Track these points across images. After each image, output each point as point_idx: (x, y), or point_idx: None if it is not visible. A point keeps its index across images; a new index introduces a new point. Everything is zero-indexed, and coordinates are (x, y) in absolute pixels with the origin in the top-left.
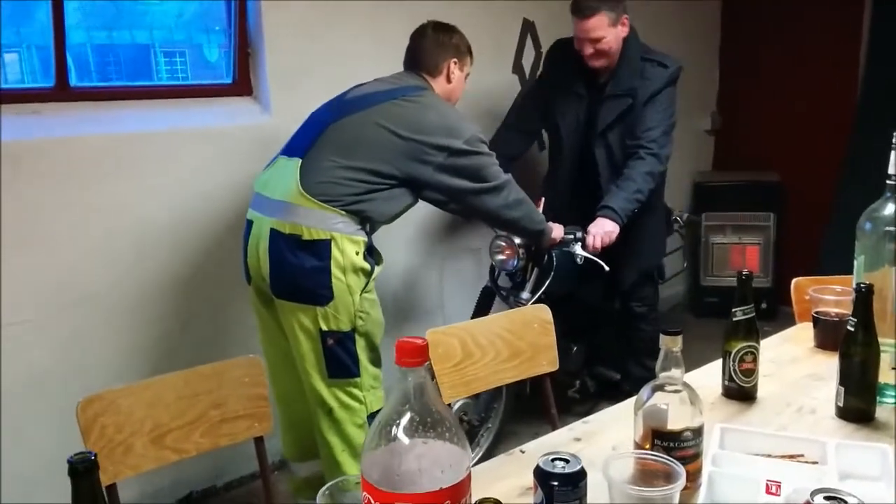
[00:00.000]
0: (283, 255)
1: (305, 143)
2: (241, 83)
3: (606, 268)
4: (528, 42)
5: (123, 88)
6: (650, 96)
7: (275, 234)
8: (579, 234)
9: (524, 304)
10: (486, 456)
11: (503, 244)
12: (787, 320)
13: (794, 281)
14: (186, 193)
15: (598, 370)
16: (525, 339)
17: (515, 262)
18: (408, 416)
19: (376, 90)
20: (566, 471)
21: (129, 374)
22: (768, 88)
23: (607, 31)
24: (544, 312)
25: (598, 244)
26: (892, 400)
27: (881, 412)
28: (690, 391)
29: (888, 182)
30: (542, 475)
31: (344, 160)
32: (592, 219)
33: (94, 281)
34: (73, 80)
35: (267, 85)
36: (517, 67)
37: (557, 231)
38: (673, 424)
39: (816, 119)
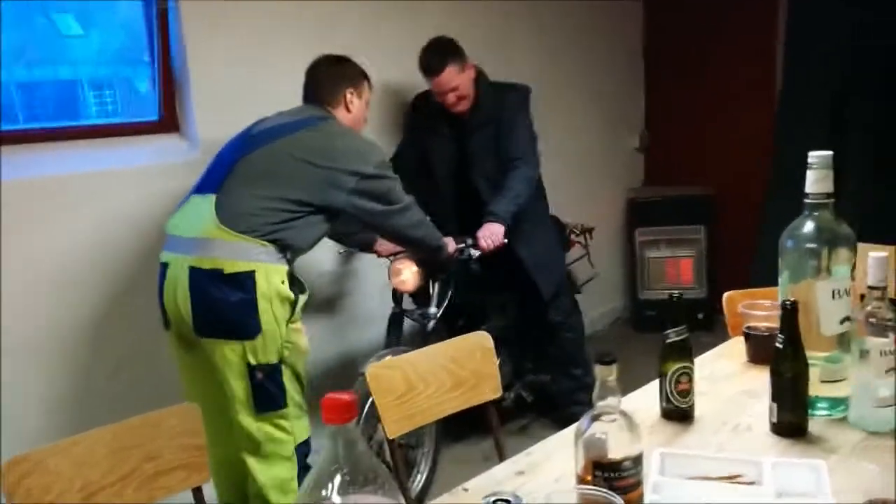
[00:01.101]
0: (205, 292)
1: (217, 179)
2: (168, 120)
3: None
4: None
5: (49, 130)
6: (510, 116)
7: (195, 272)
8: (469, 241)
9: (434, 318)
10: (429, 479)
11: (401, 267)
12: (724, 330)
13: (725, 295)
14: (111, 237)
15: (528, 379)
16: (467, 367)
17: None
18: (338, 476)
19: (281, 123)
20: None
21: (55, 427)
22: (693, 105)
23: (459, 79)
24: (486, 340)
25: (490, 244)
26: (824, 413)
27: (814, 425)
28: (628, 419)
29: (806, 201)
30: None
31: (259, 191)
32: (479, 227)
33: (17, 331)
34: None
35: (194, 120)
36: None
37: (451, 245)
38: (613, 453)
39: (741, 132)
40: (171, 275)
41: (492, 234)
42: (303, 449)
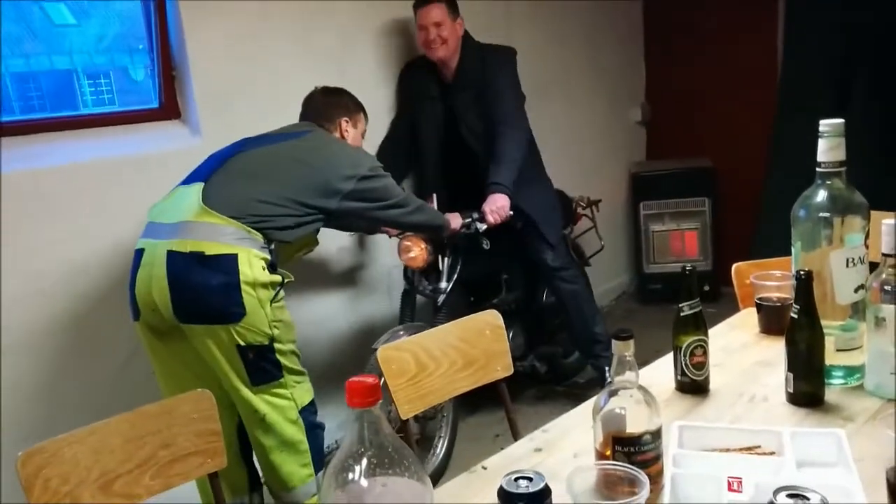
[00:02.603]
0: (185, 276)
1: (206, 171)
2: (168, 107)
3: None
4: None
5: (49, 120)
6: (494, 78)
7: (173, 256)
8: (475, 216)
9: (444, 293)
10: (444, 461)
11: (409, 244)
12: (730, 301)
13: (734, 266)
14: (118, 225)
15: (542, 350)
16: (478, 346)
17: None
18: (364, 458)
19: (277, 133)
20: (530, 490)
21: (66, 421)
22: (695, 78)
23: (446, 20)
24: (495, 318)
25: (497, 218)
26: (840, 381)
27: (830, 394)
28: (646, 393)
29: (818, 169)
30: (506, 496)
31: (249, 185)
32: (483, 198)
33: (25, 324)
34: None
35: (195, 107)
36: None
37: (456, 221)
38: (631, 428)
39: (743, 105)
40: (145, 261)
41: (498, 208)
42: (309, 410)
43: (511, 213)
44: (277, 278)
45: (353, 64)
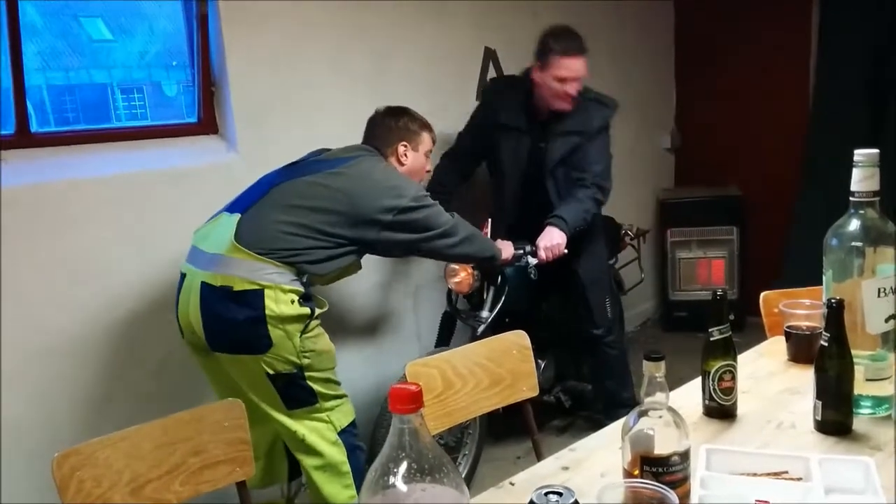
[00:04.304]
0: (214, 309)
1: (248, 201)
2: (206, 121)
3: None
4: (491, 69)
5: (87, 132)
6: (594, 133)
7: (206, 288)
8: (529, 248)
9: (484, 323)
10: (466, 482)
11: (457, 267)
12: (755, 330)
13: (762, 295)
14: (155, 236)
15: (569, 384)
16: (504, 366)
17: (471, 284)
18: (404, 463)
19: (327, 158)
20: None
21: (99, 424)
22: (724, 105)
23: (586, 73)
24: (523, 339)
25: (550, 256)
26: (868, 411)
27: (858, 424)
28: (676, 415)
29: (851, 199)
30: None
31: (286, 216)
32: (541, 229)
33: (62, 330)
34: (34, 126)
35: (233, 122)
36: (480, 95)
37: (508, 250)
38: (660, 449)
39: (772, 133)
40: (186, 286)
41: (554, 245)
42: (349, 432)
43: (566, 251)
44: (307, 311)
45: (388, 83)
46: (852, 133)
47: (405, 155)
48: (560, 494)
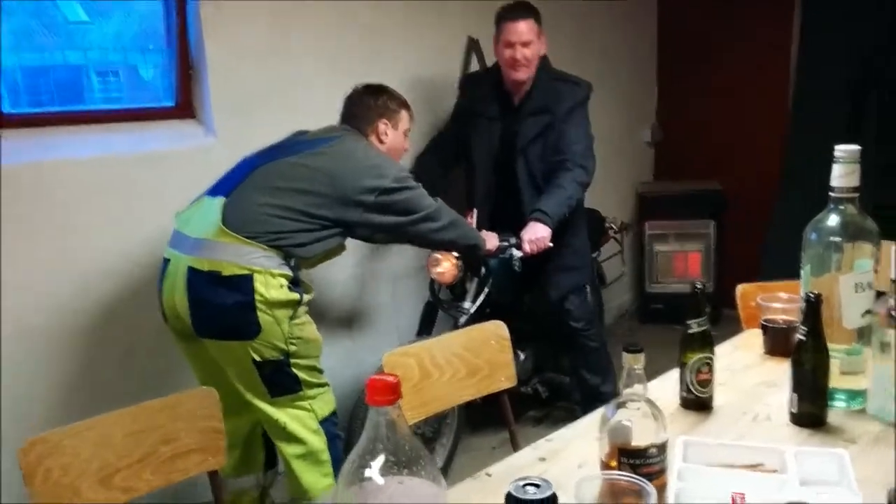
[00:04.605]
0: (202, 294)
1: (231, 183)
2: (184, 105)
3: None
4: (474, 60)
5: (61, 114)
6: (567, 112)
7: (193, 273)
8: (513, 241)
9: (466, 314)
10: (443, 472)
11: (440, 257)
12: (730, 323)
13: (739, 288)
14: (131, 221)
15: (548, 376)
16: (482, 356)
17: (455, 274)
18: (381, 455)
19: (309, 139)
20: (538, 496)
21: (67, 410)
22: (705, 101)
23: (533, 39)
24: (501, 329)
25: (535, 249)
26: (842, 404)
27: (833, 417)
28: (654, 407)
29: (831, 194)
30: (514, 503)
31: (270, 199)
32: (524, 224)
33: (30, 315)
34: (7, 107)
35: (210, 107)
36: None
37: (492, 241)
38: (637, 440)
39: (753, 129)
40: (170, 271)
41: (538, 239)
42: (330, 421)
43: (550, 244)
44: (296, 297)
45: (375, 71)
46: (832, 132)
47: (385, 133)
48: (538, 486)
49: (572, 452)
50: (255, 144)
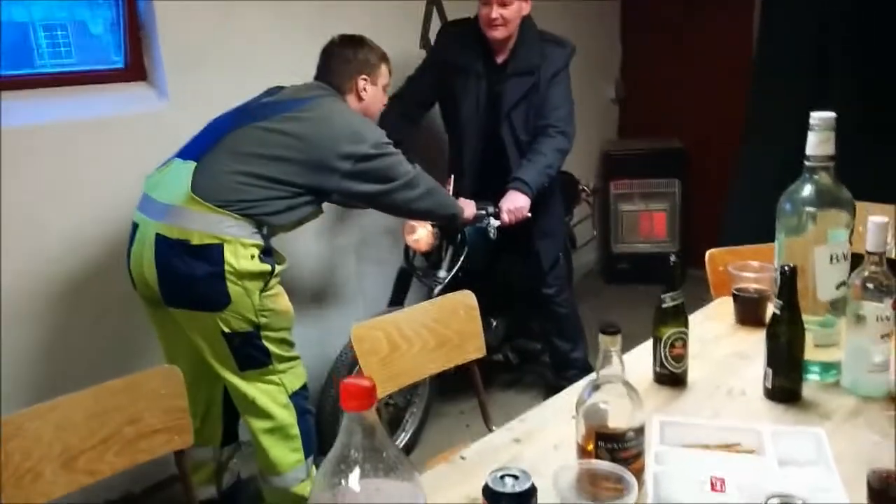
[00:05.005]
0: (171, 263)
1: (202, 147)
2: (134, 68)
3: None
4: (434, 16)
5: (6, 79)
6: (552, 75)
7: (161, 240)
8: (491, 210)
9: (441, 283)
10: (413, 439)
11: (416, 224)
12: (696, 284)
13: (708, 253)
14: (81, 188)
15: (519, 342)
16: (451, 327)
17: (430, 242)
18: (357, 462)
19: (281, 99)
20: (517, 489)
21: (32, 379)
22: (669, 58)
23: None
24: (469, 299)
25: (513, 219)
26: (816, 377)
27: (807, 390)
28: (630, 389)
29: (805, 163)
30: (492, 495)
31: (241, 166)
32: (503, 192)
33: None
34: None
35: (163, 68)
36: (424, 42)
37: (470, 210)
38: (614, 422)
39: (715, 85)
40: (139, 237)
41: (516, 209)
42: (300, 395)
43: (528, 214)
44: (267, 268)
45: (331, 29)
46: (795, 88)
47: (364, 90)
48: (516, 478)
49: (547, 433)
50: (208, 107)
